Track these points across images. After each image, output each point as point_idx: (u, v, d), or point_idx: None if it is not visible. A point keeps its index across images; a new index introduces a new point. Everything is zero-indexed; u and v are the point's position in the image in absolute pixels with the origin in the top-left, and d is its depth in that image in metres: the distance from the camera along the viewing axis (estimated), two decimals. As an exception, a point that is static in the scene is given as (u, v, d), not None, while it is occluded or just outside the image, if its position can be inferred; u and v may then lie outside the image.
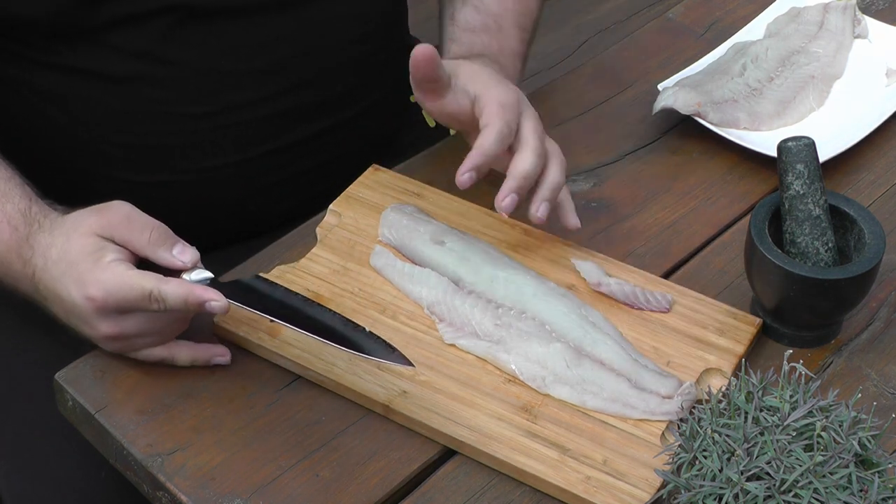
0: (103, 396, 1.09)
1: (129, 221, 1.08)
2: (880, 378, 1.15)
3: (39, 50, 1.23)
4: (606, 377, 1.09)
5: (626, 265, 1.21)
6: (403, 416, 1.07)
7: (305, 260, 1.20)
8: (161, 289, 1.05)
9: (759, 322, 1.15)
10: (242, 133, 1.30)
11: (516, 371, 1.10)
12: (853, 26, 1.51)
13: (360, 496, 1.03)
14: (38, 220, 1.12)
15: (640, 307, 1.16)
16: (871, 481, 0.91)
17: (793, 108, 1.42)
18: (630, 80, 1.47)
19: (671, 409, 1.07)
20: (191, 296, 1.05)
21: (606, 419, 1.07)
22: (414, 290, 1.17)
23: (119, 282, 1.05)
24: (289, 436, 1.07)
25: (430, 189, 1.27)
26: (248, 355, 1.13)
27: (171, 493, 1.02)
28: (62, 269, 1.08)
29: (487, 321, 1.13)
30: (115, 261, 1.06)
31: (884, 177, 1.36)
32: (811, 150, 1.15)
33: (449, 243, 1.20)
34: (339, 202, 1.26)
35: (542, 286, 1.16)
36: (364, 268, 1.19)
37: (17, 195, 1.13)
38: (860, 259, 1.13)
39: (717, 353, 1.12)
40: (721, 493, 0.91)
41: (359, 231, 1.23)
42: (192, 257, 1.09)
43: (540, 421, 1.07)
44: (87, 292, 1.06)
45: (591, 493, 1.01)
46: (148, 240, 1.08)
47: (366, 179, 1.28)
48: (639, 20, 1.59)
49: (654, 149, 1.39)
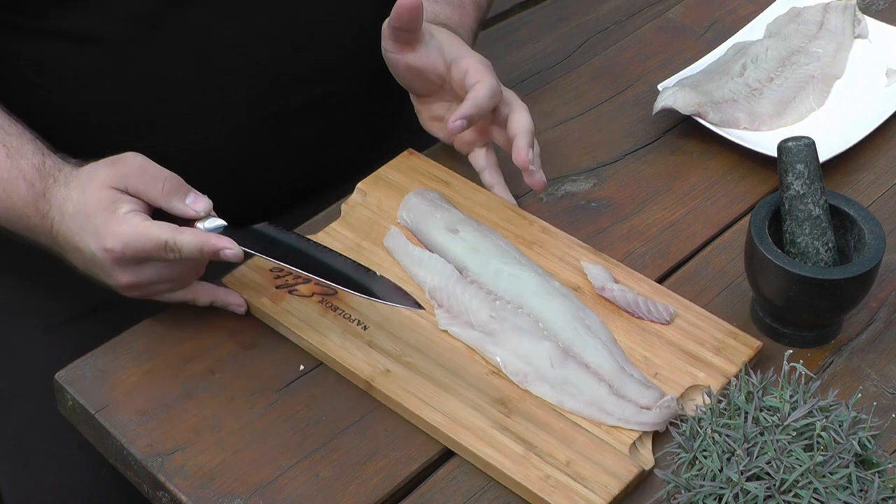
0: (103, 396, 1.09)
1: (142, 172, 1.10)
2: (880, 378, 1.15)
3: (32, 16, 1.23)
4: (588, 381, 1.09)
5: (637, 273, 1.20)
6: (382, 394, 1.08)
7: (323, 233, 1.23)
8: (176, 238, 1.07)
9: (759, 345, 1.14)
10: (237, 100, 1.30)
11: (501, 364, 1.11)
12: (853, 26, 1.51)
13: (360, 496, 1.03)
14: (53, 175, 1.13)
15: (640, 316, 1.16)
16: (871, 481, 0.91)
17: (793, 108, 1.42)
18: (630, 80, 1.47)
19: (646, 420, 1.07)
20: (206, 244, 1.08)
21: (580, 422, 1.07)
22: (419, 274, 1.18)
23: (135, 233, 1.07)
24: (289, 436, 1.07)
25: (458, 178, 1.29)
26: (248, 355, 1.13)
27: (171, 493, 1.02)
28: (79, 223, 1.09)
29: (484, 312, 1.14)
30: (130, 212, 1.08)
31: (884, 177, 1.36)
32: (811, 150, 1.15)
33: (462, 232, 1.21)
34: (368, 182, 1.28)
35: (545, 284, 1.17)
36: (377, 248, 1.22)
37: (31, 150, 1.15)
38: (860, 259, 1.13)
39: (707, 371, 1.11)
40: (721, 493, 0.91)
41: (380, 212, 1.25)
42: (205, 206, 1.11)
43: (514, 416, 1.07)
44: (105, 244, 1.08)
45: (546, 492, 1.02)
46: (161, 190, 1.10)
47: (398, 163, 1.30)
48: (639, 20, 1.59)
49: (654, 149, 1.39)
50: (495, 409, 1.08)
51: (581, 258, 1.21)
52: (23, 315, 1.32)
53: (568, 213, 1.28)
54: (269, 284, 1.17)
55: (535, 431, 1.06)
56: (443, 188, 1.28)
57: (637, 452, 1.06)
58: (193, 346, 1.13)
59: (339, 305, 1.15)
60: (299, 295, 1.16)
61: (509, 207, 1.26)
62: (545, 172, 1.29)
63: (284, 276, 1.18)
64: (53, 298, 1.17)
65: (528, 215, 1.26)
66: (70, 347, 1.16)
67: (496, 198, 1.27)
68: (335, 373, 1.12)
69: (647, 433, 1.07)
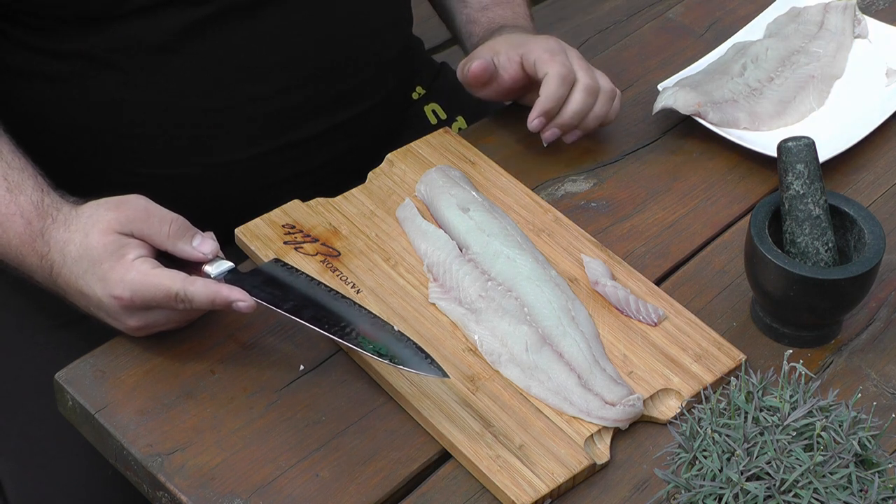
0: (103, 396, 1.09)
1: (147, 215, 1.09)
2: (880, 378, 1.15)
3: (56, 39, 1.23)
4: (559, 370, 1.10)
5: (636, 272, 1.21)
6: (358, 356, 1.10)
7: (341, 197, 1.26)
8: (187, 290, 1.06)
9: (742, 358, 1.14)
10: (255, 127, 1.30)
11: (478, 342, 1.13)
12: (853, 26, 1.51)
13: (360, 496, 1.03)
14: (52, 214, 1.12)
15: (628, 314, 1.17)
16: (871, 481, 0.91)
17: (793, 108, 1.42)
18: (630, 80, 1.47)
19: (608, 416, 1.07)
20: (217, 296, 1.07)
21: (543, 409, 1.08)
22: (422, 247, 1.21)
23: (144, 281, 1.06)
24: (289, 436, 1.07)
25: (485, 159, 1.32)
26: (248, 355, 1.13)
27: (171, 493, 1.02)
28: (84, 267, 1.08)
29: (474, 290, 1.16)
30: (138, 258, 1.07)
31: (884, 177, 1.36)
32: (811, 150, 1.15)
33: (473, 212, 1.23)
34: (398, 153, 1.32)
35: (540, 271, 1.18)
36: (390, 217, 1.25)
37: (30, 186, 1.13)
38: (860, 259, 1.13)
39: (682, 377, 1.12)
40: (721, 493, 0.91)
41: (402, 183, 1.28)
42: (211, 248, 1.11)
43: (479, 393, 1.09)
44: (113, 292, 1.07)
45: (493, 472, 1.03)
46: (168, 233, 1.09)
47: (432, 139, 1.34)
48: (639, 20, 1.59)
49: (654, 149, 1.39)
50: (462, 385, 1.09)
51: (585, 251, 1.22)
52: (23, 315, 1.32)
53: (568, 213, 1.28)
54: (277, 238, 1.20)
55: (495, 411, 1.08)
56: (468, 168, 1.30)
57: (593, 446, 1.07)
58: (193, 346, 1.13)
59: (338, 267, 1.18)
60: (304, 253, 1.19)
61: (527, 194, 1.28)
62: (545, 172, 1.30)
63: (294, 233, 1.20)
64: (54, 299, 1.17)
65: (545, 203, 1.28)
66: (70, 347, 1.16)
67: (517, 183, 1.29)
68: (335, 373, 1.12)
69: (607, 429, 1.07)
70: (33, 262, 1.12)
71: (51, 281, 1.12)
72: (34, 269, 1.12)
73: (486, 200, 1.25)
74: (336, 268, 1.18)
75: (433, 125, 1.49)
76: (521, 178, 1.30)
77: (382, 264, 1.20)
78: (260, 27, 1.27)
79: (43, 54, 1.25)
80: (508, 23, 1.41)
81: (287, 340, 1.14)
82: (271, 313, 1.10)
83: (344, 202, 1.26)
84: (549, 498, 1.03)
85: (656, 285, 1.21)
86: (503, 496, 1.02)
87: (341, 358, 1.13)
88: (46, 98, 1.27)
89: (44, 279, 1.13)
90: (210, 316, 1.15)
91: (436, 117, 1.51)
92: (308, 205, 1.25)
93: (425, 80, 1.53)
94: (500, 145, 1.36)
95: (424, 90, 1.52)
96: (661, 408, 1.10)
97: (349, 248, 1.21)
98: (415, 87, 1.51)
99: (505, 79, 1.32)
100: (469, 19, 1.45)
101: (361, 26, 1.35)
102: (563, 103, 1.29)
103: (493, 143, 1.36)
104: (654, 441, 1.08)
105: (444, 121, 1.50)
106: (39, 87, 1.27)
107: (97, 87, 1.26)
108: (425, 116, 1.50)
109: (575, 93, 1.29)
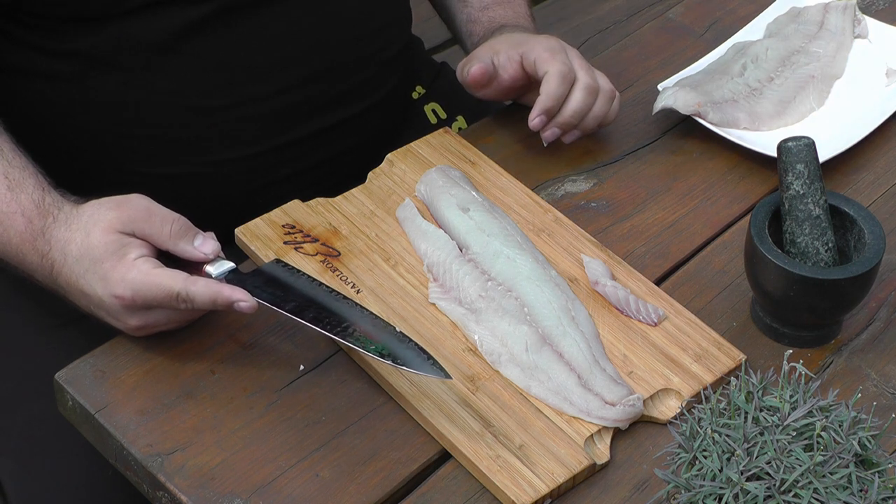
0: (103, 396, 1.09)
1: (149, 215, 1.09)
2: (880, 378, 1.15)
3: (56, 38, 1.24)
4: (559, 370, 1.10)
5: (636, 272, 1.21)
6: (358, 356, 1.10)
7: (341, 197, 1.26)
8: (189, 290, 1.06)
9: (742, 358, 1.14)
10: (255, 126, 1.30)
11: (478, 342, 1.13)
12: (853, 26, 1.51)
13: (360, 496, 1.03)
14: (53, 213, 1.12)
15: (628, 314, 1.17)
16: (871, 481, 0.91)
17: (793, 108, 1.42)
18: (630, 80, 1.47)
19: (608, 416, 1.07)
20: (219, 296, 1.07)
21: (543, 409, 1.08)
22: (422, 247, 1.21)
23: (145, 281, 1.06)
24: (289, 436, 1.07)
25: (485, 159, 1.32)
26: (248, 355, 1.13)
27: (171, 493, 1.02)
28: (85, 267, 1.08)
29: (473, 290, 1.16)
30: (139, 258, 1.07)
31: (884, 177, 1.36)
32: (811, 150, 1.15)
33: (473, 212, 1.23)
34: (398, 153, 1.32)
35: (540, 271, 1.18)
36: (390, 217, 1.25)
37: (31, 185, 1.13)
38: (860, 259, 1.13)
39: (682, 377, 1.12)
40: (721, 493, 0.91)
41: (402, 183, 1.28)
42: (213, 248, 1.11)
43: (479, 393, 1.09)
44: (114, 291, 1.07)
45: (492, 472, 1.03)
46: (169, 233, 1.09)
47: (432, 139, 1.34)
48: (639, 20, 1.59)
49: (654, 149, 1.39)
50: (462, 385, 1.09)
51: (585, 251, 1.22)
52: (24, 315, 1.32)
53: (568, 213, 1.28)
54: (277, 238, 1.20)
55: (495, 411, 1.08)
56: (468, 168, 1.30)
57: (593, 446, 1.07)
58: (193, 346, 1.13)
59: (338, 267, 1.18)
60: (304, 253, 1.19)
61: (527, 194, 1.28)
62: (545, 172, 1.29)
63: (294, 233, 1.20)
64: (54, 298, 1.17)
65: (545, 203, 1.28)
66: (70, 347, 1.16)
67: (517, 183, 1.29)
68: (335, 373, 1.12)
69: (607, 429, 1.08)
70: (34, 261, 1.12)
71: (51, 280, 1.12)
72: (35, 268, 1.12)
73: (486, 200, 1.26)
74: (336, 268, 1.18)
75: (433, 125, 1.49)
76: (521, 178, 1.30)
77: (382, 264, 1.20)
78: (260, 27, 1.27)
79: (43, 53, 1.25)
80: (509, 22, 1.41)
81: (287, 340, 1.14)
82: (271, 313, 1.10)
83: (344, 202, 1.26)
84: (549, 498, 1.03)
85: (656, 285, 1.21)
86: (503, 496, 1.02)
87: (341, 358, 1.13)
88: (46, 97, 1.27)
89: (44, 278, 1.13)
90: (210, 316, 1.15)
91: (436, 117, 1.51)
92: (308, 205, 1.25)
93: (425, 79, 1.53)
94: (500, 145, 1.36)
95: (424, 90, 1.52)
96: (661, 408, 1.10)
97: (349, 248, 1.21)
98: (415, 87, 1.51)
99: (505, 78, 1.32)
100: (469, 19, 1.45)
101: (361, 26, 1.35)
102: (564, 102, 1.29)
103: (493, 143, 1.36)
104: (654, 441, 1.08)
105: (444, 121, 1.50)
106: (39, 87, 1.27)
107: (97, 87, 1.26)
108: (425, 116, 1.51)
109: (575, 92, 1.29)
